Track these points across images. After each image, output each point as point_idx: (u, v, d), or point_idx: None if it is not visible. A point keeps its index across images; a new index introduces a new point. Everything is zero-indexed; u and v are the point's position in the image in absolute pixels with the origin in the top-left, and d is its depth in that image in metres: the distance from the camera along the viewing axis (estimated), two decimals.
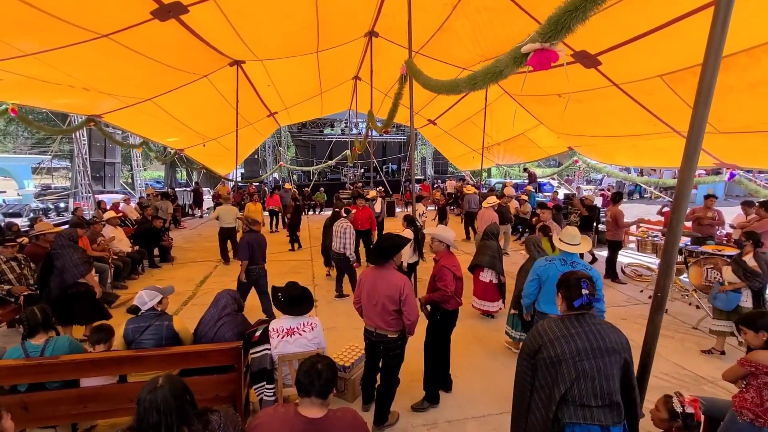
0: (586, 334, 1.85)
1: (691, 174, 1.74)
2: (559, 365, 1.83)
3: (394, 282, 2.97)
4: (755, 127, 4.86)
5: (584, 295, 1.92)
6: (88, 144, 14.36)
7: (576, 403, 1.81)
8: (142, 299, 3.02)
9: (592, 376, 1.80)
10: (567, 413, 1.81)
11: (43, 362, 2.61)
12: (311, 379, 1.74)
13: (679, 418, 2.05)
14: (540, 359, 1.90)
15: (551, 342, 1.88)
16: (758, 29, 3.70)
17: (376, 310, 3.04)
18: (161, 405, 1.57)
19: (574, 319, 1.92)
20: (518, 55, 2.24)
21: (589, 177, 25.14)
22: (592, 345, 1.83)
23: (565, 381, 1.81)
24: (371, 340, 3.18)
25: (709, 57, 1.59)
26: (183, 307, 5.96)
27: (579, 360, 1.81)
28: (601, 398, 1.80)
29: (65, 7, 4.36)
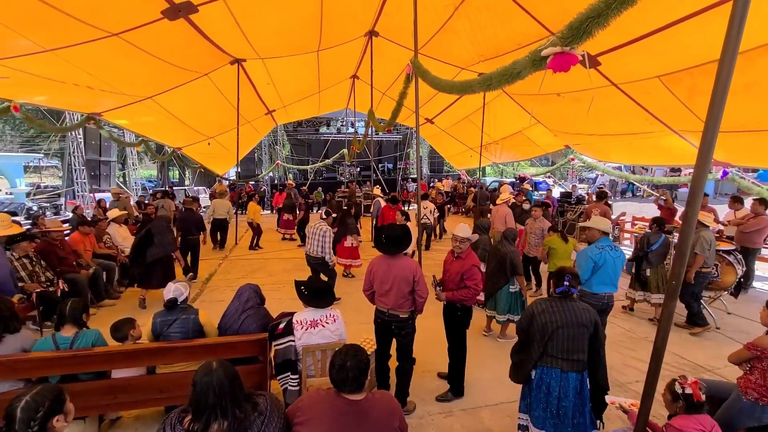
0: (563, 311, 2.62)
1: (706, 167, 1.87)
2: (543, 330, 2.61)
3: (408, 266, 3.31)
4: (749, 126, 5.07)
5: (564, 285, 2.65)
6: (83, 142, 14.22)
7: (547, 354, 2.63)
8: (179, 291, 3.12)
9: (562, 339, 2.59)
10: (540, 360, 2.66)
11: (78, 354, 2.68)
12: (342, 378, 1.85)
13: (681, 399, 2.19)
14: (531, 325, 2.68)
15: (539, 313, 2.66)
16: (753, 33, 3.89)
17: (390, 294, 3.30)
18: (217, 387, 1.67)
19: (557, 300, 2.69)
20: (537, 58, 2.36)
21: (582, 176, 25.51)
22: (565, 319, 2.60)
23: (543, 339, 2.61)
24: (383, 320, 3.40)
25: (726, 53, 1.72)
26: (192, 303, 6.00)
27: (554, 327, 2.59)
28: (564, 353, 2.60)
29: (80, 5, 4.40)
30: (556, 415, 2.59)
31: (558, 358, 2.60)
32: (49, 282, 4.87)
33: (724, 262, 5.11)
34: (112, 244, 6.67)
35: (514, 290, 4.70)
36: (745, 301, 5.95)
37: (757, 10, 3.67)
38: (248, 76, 9.43)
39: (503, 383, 3.85)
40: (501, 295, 4.72)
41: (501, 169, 18.90)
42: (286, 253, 9.31)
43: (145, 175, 27.86)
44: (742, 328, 5.09)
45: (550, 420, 2.61)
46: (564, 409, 2.58)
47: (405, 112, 10.93)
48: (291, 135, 24.27)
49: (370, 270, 3.47)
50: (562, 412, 2.58)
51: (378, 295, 3.41)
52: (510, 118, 10.38)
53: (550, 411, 2.61)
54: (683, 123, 5.96)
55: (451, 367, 3.68)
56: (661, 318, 2.19)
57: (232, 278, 7.25)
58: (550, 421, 2.61)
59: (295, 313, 3.18)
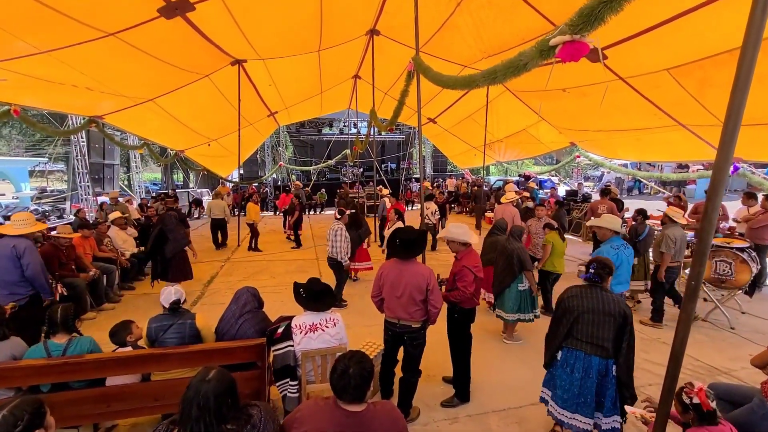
0: (591, 298, 2.75)
1: (729, 160, 1.74)
2: (569, 312, 2.79)
3: (421, 273, 3.08)
4: (761, 119, 4.90)
5: (589, 272, 2.82)
6: (87, 145, 14.24)
7: (572, 336, 2.78)
8: (180, 292, 3.05)
9: (586, 324, 2.72)
10: (566, 341, 2.81)
11: (69, 361, 2.60)
12: (343, 385, 1.73)
13: (691, 410, 2.07)
14: (560, 306, 2.88)
15: (570, 298, 2.84)
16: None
17: (401, 301, 3.08)
18: (201, 401, 1.58)
19: (587, 287, 2.82)
20: (545, 48, 2.24)
21: (587, 174, 25.26)
22: (593, 306, 2.72)
23: (569, 322, 2.78)
24: (394, 332, 3.20)
25: (749, 40, 1.59)
26: (192, 307, 5.93)
27: (580, 312, 2.74)
28: (588, 337, 2.72)
29: (75, 5, 4.33)
30: (578, 395, 2.71)
31: (582, 341, 2.73)
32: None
33: (738, 260, 4.94)
34: (113, 247, 6.62)
35: (523, 288, 4.56)
36: (759, 300, 5.78)
37: None
38: (249, 77, 9.36)
39: (511, 388, 3.74)
40: (509, 293, 4.58)
41: (505, 167, 18.72)
42: (288, 255, 9.22)
43: (149, 178, 27.99)
44: (758, 328, 4.93)
45: (571, 400, 2.72)
46: (586, 390, 2.68)
47: (407, 112, 10.80)
48: (293, 136, 24.22)
49: (380, 275, 3.24)
50: (584, 392, 2.69)
51: (388, 302, 3.18)
52: (514, 115, 10.23)
53: (572, 392, 2.72)
54: (693, 117, 5.80)
55: (455, 371, 3.55)
56: (680, 321, 2.06)
57: (233, 280, 7.17)
58: (571, 401, 2.73)
59: (294, 316, 3.08)
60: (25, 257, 3.89)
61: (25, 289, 3.95)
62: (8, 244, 3.91)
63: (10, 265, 3.86)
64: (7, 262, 3.86)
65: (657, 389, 3.61)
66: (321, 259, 8.60)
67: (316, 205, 17.43)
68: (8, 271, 3.86)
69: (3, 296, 3.82)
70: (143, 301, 6.07)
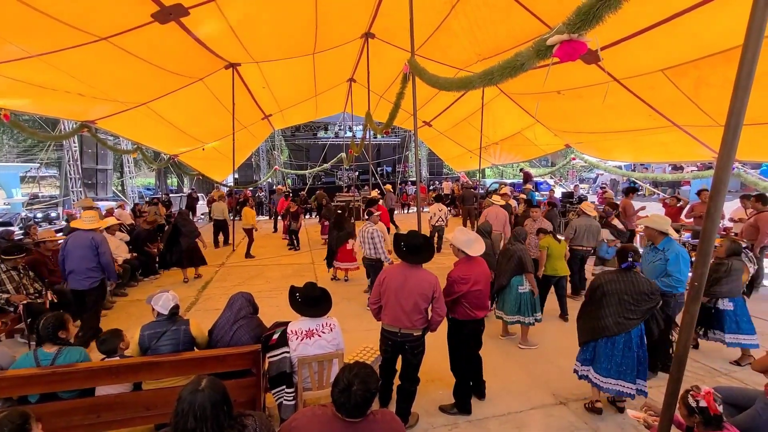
0: (625, 282, 3.21)
1: (730, 161, 1.71)
2: (609, 295, 3.21)
3: (427, 279, 3.00)
4: (756, 119, 4.92)
5: (629, 261, 3.22)
6: (79, 150, 14.10)
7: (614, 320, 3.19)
8: (176, 299, 2.98)
9: (626, 303, 3.18)
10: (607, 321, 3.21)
11: (57, 371, 2.52)
12: (344, 401, 1.66)
13: (697, 414, 2.03)
14: (598, 291, 3.27)
15: (608, 282, 3.25)
16: None
17: (406, 308, 2.97)
18: (198, 410, 1.54)
19: (621, 271, 3.26)
20: (542, 48, 2.22)
21: (582, 176, 25.38)
22: (628, 288, 3.19)
23: (609, 305, 3.21)
24: (395, 341, 3.08)
25: (750, 38, 1.56)
26: (186, 312, 5.84)
27: (621, 293, 3.19)
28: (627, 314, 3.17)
29: (66, 9, 4.27)
30: (620, 364, 3.17)
31: (622, 317, 3.14)
32: (37, 293, 4.71)
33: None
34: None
35: (524, 290, 4.50)
36: (756, 301, 5.77)
37: None
38: (243, 80, 9.31)
39: (511, 392, 3.69)
40: (509, 295, 4.53)
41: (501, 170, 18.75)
42: (284, 259, 9.13)
43: (142, 183, 27.77)
44: (756, 329, 4.91)
45: (614, 369, 3.19)
46: (627, 359, 3.16)
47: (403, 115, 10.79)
48: (289, 140, 24.17)
49: (381, 281, 3.09)
50: (626, 361, 3.16)
51: (389, 309, 3.03)
52: (509, 118, 10.25)
53: (615, 361, 3.18)
54: (688, 118, 5.82)
55: (456, 381, 3.45)
56: (683, 323, 2.03)
57: (228, 285, 7.08)
58: (615, 370, 3.19)
59: (290, 322, 3.01)
60: (101, 247, 4.72)
61: (98, 273, 4.74)
62: (87, 236, 4.68)
63: (90, 253, 4.64)
64: (88, 251, 4.62)
65: (657, 392, 3.60)
66: (317, 263, 8.53)
67: (311, 209, 17.33)
68: (88, 259, 4.63)
69: (81, 279, 4.62)
70: (135, 307, 5.96)
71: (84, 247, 4.61)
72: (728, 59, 4.29)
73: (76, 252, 4.61)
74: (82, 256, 4.61)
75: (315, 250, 9.94)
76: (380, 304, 3.13)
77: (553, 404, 3.52)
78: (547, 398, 3.61)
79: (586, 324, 3.36)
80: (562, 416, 3.35)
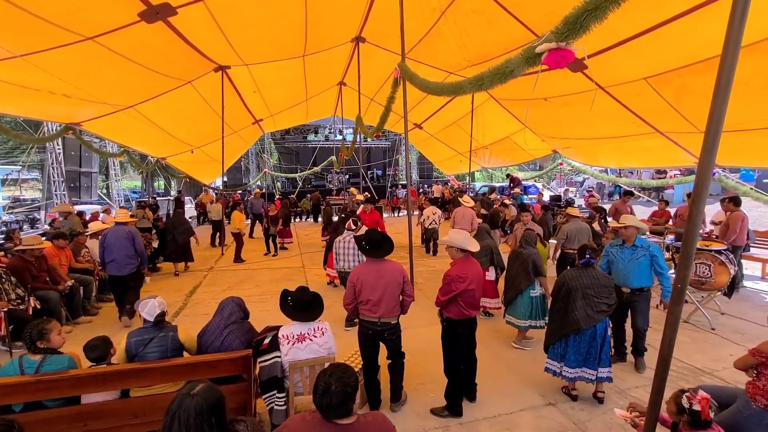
0: (587, 277, 3.46)
1: (711, 166, 1.77)
2: (574, 291, 3.43)
3: (396, 268, 3.37)
4: (735, 126, 5.08)
5: (586, 257, 3.52)
6: (63, 153, 13.80)
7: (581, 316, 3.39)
8: (163, 305, 2.93)
9: (591, 297, 3.40)
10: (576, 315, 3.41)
11: (42, 379, 2.46)
12: (326, 404, 1.67)
13: (686, 414, 2.08)
14: (563, 288, 3.50)
15: (572, 279, 3.47)
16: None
17: (383, 300, 3.25)
18: (183, 416, 1.52)
19: (582, 268, 3.52)
20: (531, 55, 2.27)
21: (570, 179, 25.77)
22: (590, 282, 3.43)
23: (576, 299, 3.42)
24: (375, 331, 3.33)
25: (728, 48, 1.63)
26: (175, 318, 5.75)
27: (584, 288, 3.41)
28: (595, 308, 3.39)
29: (50, 7, 4.20)
30: (585, 354, 3.43)
31: (590, 310, 3.36)
32: (19, 299, 4.59)
33: (716, 262, 5.08)
34: (90, 258, 6.39)
35: (536, 294, 4.51)
36: (736, 301, 5.93)
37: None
38: (233, 83, 9.26)
39: (502, 394, 3.73)
40: (521, 299, 4.53)
41: (490, 173, 18.94)
42: (274, 263, 9.07)
43: (129, 186, 27.30)
44: (736, 329, 5.05)
45: (581, 358, 3.44)
46: (593, 350, 3.42)
47: (393, 118, 10.84)
48: (278, 143, 24.03)
49: (355, 279, 3.30)
50: (591, 351, 3.43)
51: (367, 305, 3.28)
52: (498, 123, 10.39)
53: (581, 353, 3.44)
54: (670, 125, 5.98)
55: (448, 383, 3.48)
56: (667, 324, 2.09)
57: (217, 290, 7.00)
58: (581, 359, 3.44)
59: (281, 326, 3.00)
60: (136, 237, 5.60)
61: (135, 260, 5.54)
62: (124, 229, 5.52)
63: (129, 243, 5.46)
64: (126, 242, 5.45)
65: (642, 391, 3.68)
66: (307, 267, 8.49)
67: (301, 213, 17.26)
68: (127, 248, 5.44)
69: (122, 266, 5.41)
70: None
71: (123, 238, 5.42)
72: (708, 68, 4.43)
73: (117, 243, 5.38)
74: (121, 246, 5.38)
75: (305, 254, 9.90)
76: (356, 301, 3.32)
77: (542, 405, 3.56)
78: (537, 399, 3.65)
79: (555, 322, 3.57)
80: (551, 417, 3.39)
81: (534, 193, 16.65)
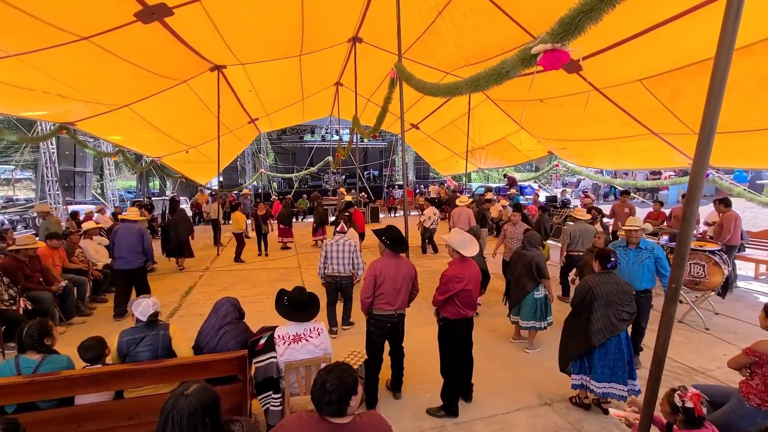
0: (611, 283, 3.29)
1: (704, 167, 1.79)
2: (599, 298, 3.26)
3: (410, 264, 3.58)
4: (729, 128, 5.12)
5: (612, 261, 3.34)
6: (57, 152, 13.69)
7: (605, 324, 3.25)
8: (157, 305, 2.91)
9: (615, 304, 3.25)
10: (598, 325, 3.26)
11: (35, 380, 2.43)
12: (320, 398, 1.67)
13: (680, 412, 2.10)
14: (588, 296, 3.30)
15: (596, 286, 3.29)
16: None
17: (402, 292, 3.43)
18: (176, 416, 1.51)
19: (605, 274, 3.34)
20: (527, 56, 2.28)
21: (565, 180, 25.88)
22: (614, 288, 3.27)
23: (599, 308, 3.25)
24: (393, 323, 3.47)
25: (722, 50, 1.64)
26: (169, 319, 5.72)
27: (609, 295, 3.25)
28: (619, 317, 3.24)
29: (46, 7, 4.17)
30: (612, 367, 3.27)
31: (614, 319, 3.22)
32: (12, 300, 4.55)
33: (710, 262, 5.12)
34: (84, 258, 6.34)
35: (540, 296, 4.51)
36: (730, 301, 5.98)
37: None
38: (229, 83, 9.23)
39: (498, 394, 3.74)
40: (526, 301, 4.53)
41: (487, 174, 18.98)
42: (270, 263, 9.05)
43: (123, 186, 27.12)
44: (730, 328, 5.10)
45: (607, 372, 3.28)
46: (618, 361, 3.27)
47: (390, 118, 10.83)
48: (275, 143, 23.96)
49: (378, 273, 3.40)
50: (618, 364, 3.27)
51: (388, 296, 3.39)
52: (495, 124, 10.42)
53: (608, 365, 3.28)
54: (665, 126, 6.02)
55: (444, 383, 3.48)
56: (661, 323, 2.10)
57: (213, 291, 6.97)
58: (608, 374, 3.28)
59: (277, 327, 2.99)
60: (145, 235, 5.93)
61: (142, 256, 5.86)
62: (134, 226, 5.85)
63: (138, 240, 5.77)
64: (136, 239, 5.76)
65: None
66: (304, 268, 8.48)
67: (297, 213, 17.21)
68: (136, 244, 5.76)
69: (132, 260, 5.72)
70: None
71: (132, 234, 5.74)
72: (702, 70, 4.47)
73: (126, 239, 5.71)
74: (130, 242, 5.71)
75: (302, 254, 9.88)
76: (375, 294, 3.39)
77: (538, 405, 3.58)
78: (532, 399, 3.66)
79: (577, 334, 3.36)
80: (546, 417, 3.40)
81: (530, 194, 16.71)
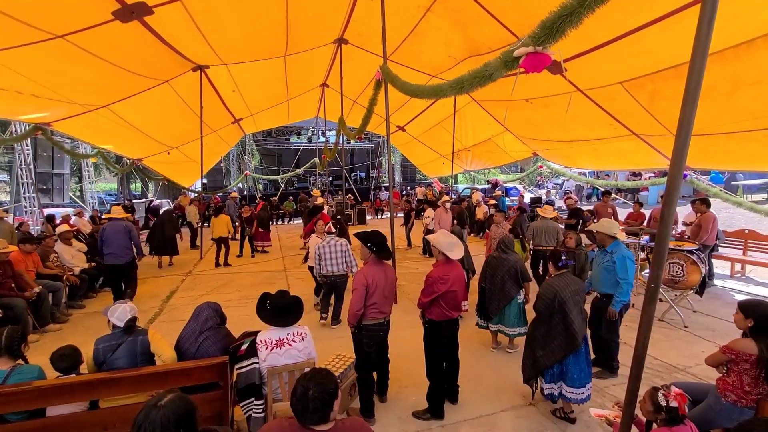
0: (572, 282, 3.27)
1: (681, 168, 1.82)
2: (567, 302, 3.16)
3: (392, 269, 3.61)
4: (705, 130, 5.27)
5: (562, 260, 3.32)
6: (33, 154, 13.25)
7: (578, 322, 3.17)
8: (134, 310, 2.84)
9: (578, 304, 3.23)
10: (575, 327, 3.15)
11: (3, 391, 2.33)
12: (302, 408, 1.63)
13: (664, 412, 2.12)
14: (556, 301, 3.18)
15: (562, 288, 3.20)
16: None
17: (390, 299, 3.42)
18: (148, 428, 1.47)
19: (563, 275, 3.31)
20: (509, 59, 2.29)
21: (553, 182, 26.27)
22: (576, 287, 3.25)
23: (570, 310, 3.15)
24: (385, 330, 3.45)
25: (696, 54, 1.67)
26: (149, 325, 5.57)
27: (573, 296, 3.19)
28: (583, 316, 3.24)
29: (18, 3, 4.02)
30: (584, 369, 3.21)
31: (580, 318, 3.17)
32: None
33: (689, 261, 5.25)
34: (60, 263, 6.14)
35: (521, 300, 4.47)
36: (708, 299, 6.14)
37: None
38: (212, 83, 9.08)
39: (482, 395, 3.75)
40: (510, 308, 4.42)
41: (473, 176, 19.13)
42: (255, 267, 8.92)
43: (103, 188, 26.44)
44: (708, 326, 5.22)
45: (584, 376, 3.21)
46: (587, 362, 3.24)
47: (376, 120, 10.84)
48: (260, 145, 23.72)
49: (368, 283, 3.23)
50: (587, 363, 3.23)
51: (379, 305, 3.33)
52: (480, 125, 10.51)
53: (583, 368, 3.20)
54: (645, 127, 6.16)
55: (430, 386, 3.47)
56: (641, 323, 2.13)
57: (195, 295, 6.82)
58: (584, 377, 3.21)
59: (259, 332, 2.93)
60: (132, 231, 6.34)
61: (131, 251, 6.25)
62: (121, 224, 6.24)
63: (125, 236, 6.15)
64: (124, 235, 6.14)
65: (619, 389, 3.75)
66: (289, 270, 8.38)
67: (283, 215, 17.06)
68: (125, 240, 6.12)
69: (120, 256, 6.05)
70: (93, 320, 5.63)
71: (120, 231, 6.12)
72: (679, 74, 4.58)
73: (114, 236, 6.04)
74: (119, 239, 6.05)
75: (287, 257, 9.77)
76: (367, 304, 3.28)
77: (522, 405, 3.59)
78: (517, 399, 3.68)
79: (555, 339, 3.19)
80: (531, 417, 3.42)
81: (515, 195, 16.92)
